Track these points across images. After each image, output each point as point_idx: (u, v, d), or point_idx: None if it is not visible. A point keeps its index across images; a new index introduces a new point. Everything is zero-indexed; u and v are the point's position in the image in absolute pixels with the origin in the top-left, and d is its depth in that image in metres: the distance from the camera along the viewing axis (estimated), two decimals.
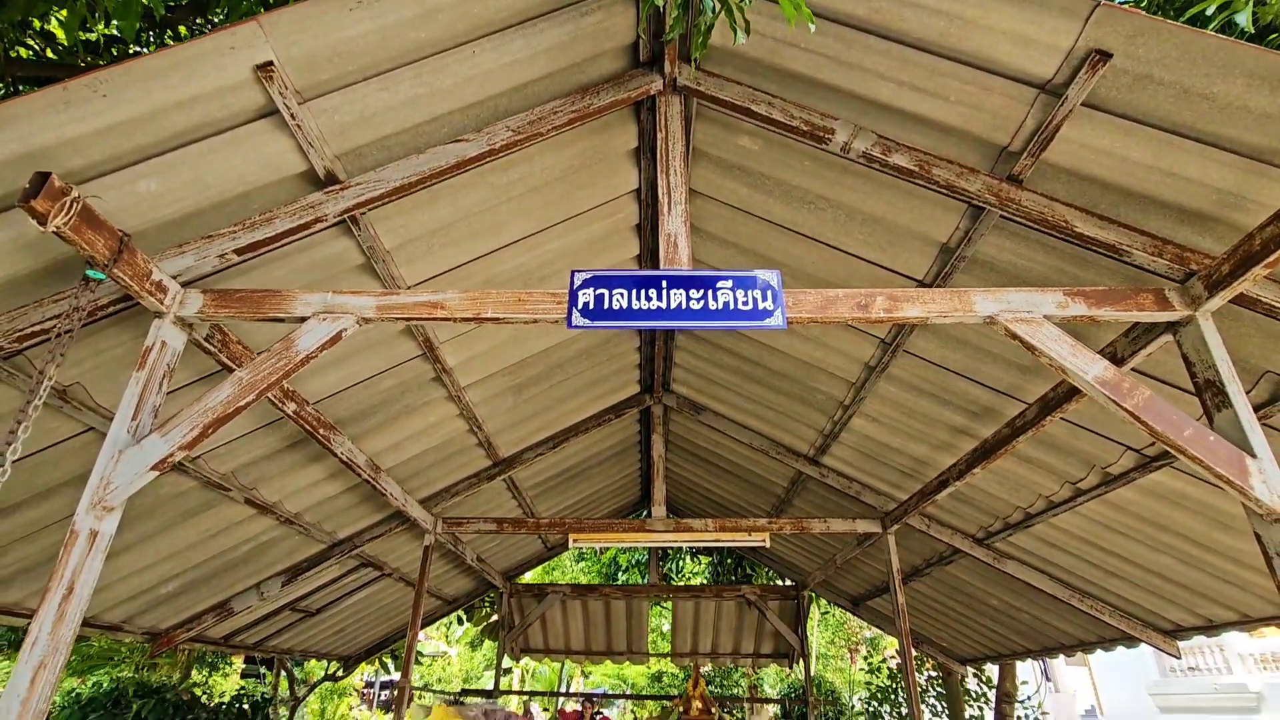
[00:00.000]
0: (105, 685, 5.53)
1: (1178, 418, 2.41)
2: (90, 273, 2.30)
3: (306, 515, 5.08)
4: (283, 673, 10.00)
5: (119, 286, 2.50)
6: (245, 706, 5.89)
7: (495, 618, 9.22)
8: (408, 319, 2.70)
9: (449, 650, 25.46)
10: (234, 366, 3.03)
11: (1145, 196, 2.66)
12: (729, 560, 11.07)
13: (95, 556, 2.33)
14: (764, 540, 5.66)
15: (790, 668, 9.66)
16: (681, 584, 11.03)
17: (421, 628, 8.92)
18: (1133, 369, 3.08)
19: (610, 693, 12.19)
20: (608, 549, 13.14)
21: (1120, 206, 2.74)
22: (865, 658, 15.63)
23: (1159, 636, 5.35)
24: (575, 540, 5.73)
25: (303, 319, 2.66)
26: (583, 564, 15.51)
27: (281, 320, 2.71)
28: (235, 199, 2.70)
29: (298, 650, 7.42)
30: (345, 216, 2.89)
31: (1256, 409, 2.68)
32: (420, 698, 11.07)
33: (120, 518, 2.44)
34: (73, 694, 5.35)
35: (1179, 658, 5.45)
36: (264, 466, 4.36)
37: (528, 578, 12.39)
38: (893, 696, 12.77)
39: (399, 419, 4.69)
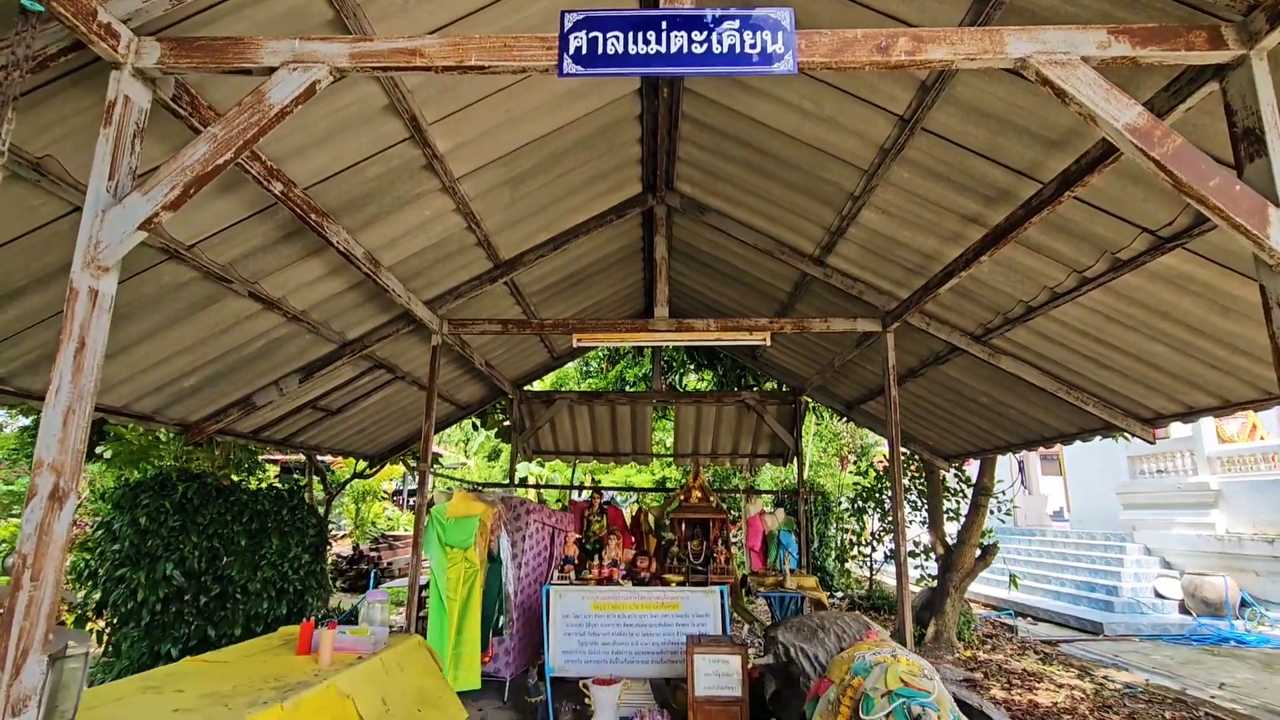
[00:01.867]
0: (150, 472, 5.98)
1: (1206, 167, 2.28)
2: (26, 2, 2.08)
3: (313, 313, 5.16)
4: (315, 474, 10.83)
5: (65, 29, 2.28)
6: (282, 491, 6.37)
7: (508, 423, 9.78)
8: (384, 68, 2.48)
9: (468, 462, 27.55)
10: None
11: None
12: (730, 374, 11.48)
13: (100, 315, 2.36)
14: (764, 339, 5.77)
15: (785, 465, 10.40)
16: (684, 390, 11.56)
17: (438, 430, 9.49)
18: None
19: (618, 487, 13.33)
20: (615, 365, 13.65)
21: None
22: (855, 464, 16.78)
23: (1138, 424, 5.61)
24: (579, 340, 5.86)
25: (271, 69, 2.46)
26: (590, 381, 16.20)
27: (249, 72, 2.51)
28: None
29: (325, 446, 7.96)
30: None
31: None
32: (443, 485, 12.07)
33: (117, 280, 2.43)
34: (122, 478, 5.78)
35: (1153, 443, 5.77)
36: (263, 259, 4.33)
37: (536, 387, 13.02)
38: (877, 495, 13.90)
39: (394, 212, 4.57)
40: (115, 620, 5.54)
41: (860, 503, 14.37)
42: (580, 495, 11.25)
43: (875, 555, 14.25)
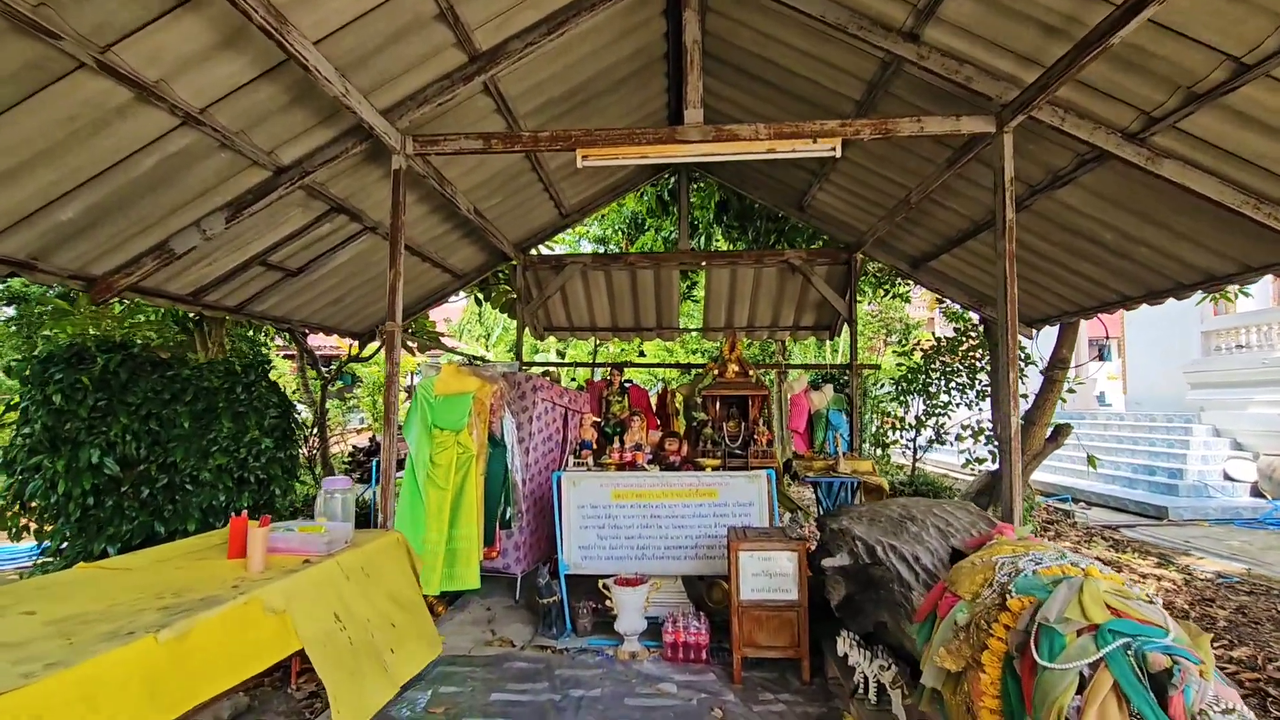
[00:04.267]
0: (62, 340, 4.86)
1: None
2: None
3: (219, 115, 3.77)
4: (304, 357, 9.79)
5: None
6: (237, 366, 5.23)
7: (514, 295, 8.49)
8: None
9: (488, 355, 26.69)
10: None
11: None
12: (766, 237, 9.90)
13: None
14: (834, 147, 4.28)
15: (832, 338, 9.08)
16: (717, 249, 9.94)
17: (433, 304, 8.27)
18: None
19: (645, 365, 12.07)
20: (636, 240, 12.08)
21: None
22: (899, 344, 15.45)
23: None
24: (585, 157, 4.42)
25: None
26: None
27: None
28: None
29: (294, 319, 6.78)
30: None
31: None
32: (425, 360, 10.86)
33: None
34: (29, 357, 4.67)
35: None
36: (113, 10, 2.90)
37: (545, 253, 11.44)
38: (923, 377, 12.64)
39: None
40: (40, 516, 4.61)
41: (905, 384, 13.22)
42: (597, 376, 10.10)
43: (919, 440, 13.26)
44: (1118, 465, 14.75)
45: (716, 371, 7.00)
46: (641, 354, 17.95)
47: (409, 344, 10.53)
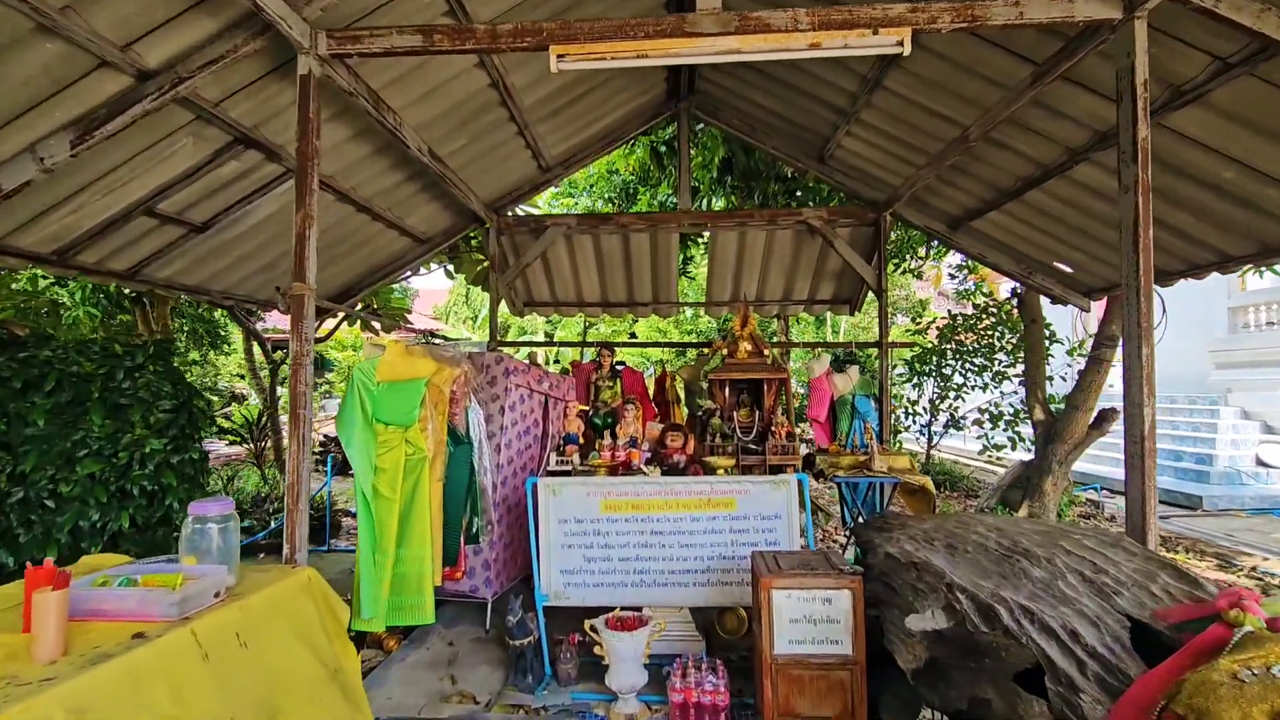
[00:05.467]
0: None
1: None
2: None
3: None
4: (249, 338, 8.62)
5: None
6: (117, 347, 4.05)
7: (487, 263, 7.31)
8: None
9: (470, 338, 25.34)
10: None
11: None
12: (776, 200, 8.73)
13: None
14: (901, 41, 3.12)
15: (853, 313, 7.98)
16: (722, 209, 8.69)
17: (392, 274, 7.08)
18: None
19: (631, 343, 10.85)
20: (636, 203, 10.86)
21: None
22: (913, 321, 14.41)
23: None
24: (561, 58, 3.24)
25: None
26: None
27: None
28: None
29: (216, 290, 5.58)
30: None
31: None
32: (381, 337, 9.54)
33: None
34: None
35: None
36: None
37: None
38: (935, 358, 11.63)
39: None
40: None
41: (918, 365, 12.22)
42: (586, 357, 8.93)
43: (934, 426, 12.29)
44: None
45: (725, 351, 5.89)
46: (633, 336, 16.77)
47: (372, 324, 9.33)
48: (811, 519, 4.27)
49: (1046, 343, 8.93)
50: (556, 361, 6.98)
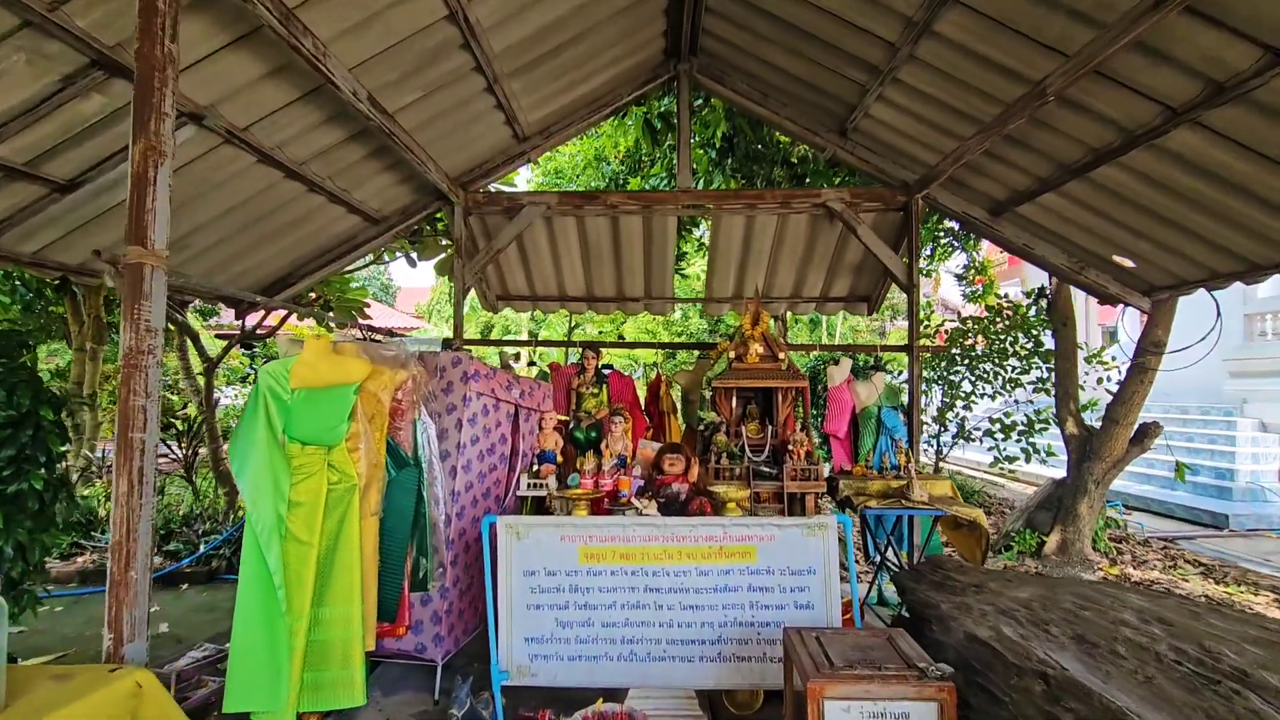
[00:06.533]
0: None
1: None
2: None
3: None
4: (185, 336, 7.56)
5: None
6: None
7: (452, 248, 6.28)
8: None
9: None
10: None
11: None
12: (784, 185, 7.79)
13: None
14: None
15: (871, 312, 7.06)
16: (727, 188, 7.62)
17: (341, 257, 6.04)
18: None
19: (620, 344, 9.85)
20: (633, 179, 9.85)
21: None
22: (923, 329, 13.55)
23: None
24: None
25: None
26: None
27: None
28: None
29: (83, 268, 4.48)
30: None
31: None
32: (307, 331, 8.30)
33: None
34: None
35: None
36: None
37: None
38: (945, 363, 10.83)
39: None
40: None
41: (932, 372, 11.42)
42: (569, 359, 7.92)
43: (944, 437, 11.46)
44: (1151, 463, 13.23)
45: (733, 354, 4.94)
46: (621, 339, 15.75)
47: (329, 321, 8.25)
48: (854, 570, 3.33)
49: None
50: (533, 365, 6.07)
